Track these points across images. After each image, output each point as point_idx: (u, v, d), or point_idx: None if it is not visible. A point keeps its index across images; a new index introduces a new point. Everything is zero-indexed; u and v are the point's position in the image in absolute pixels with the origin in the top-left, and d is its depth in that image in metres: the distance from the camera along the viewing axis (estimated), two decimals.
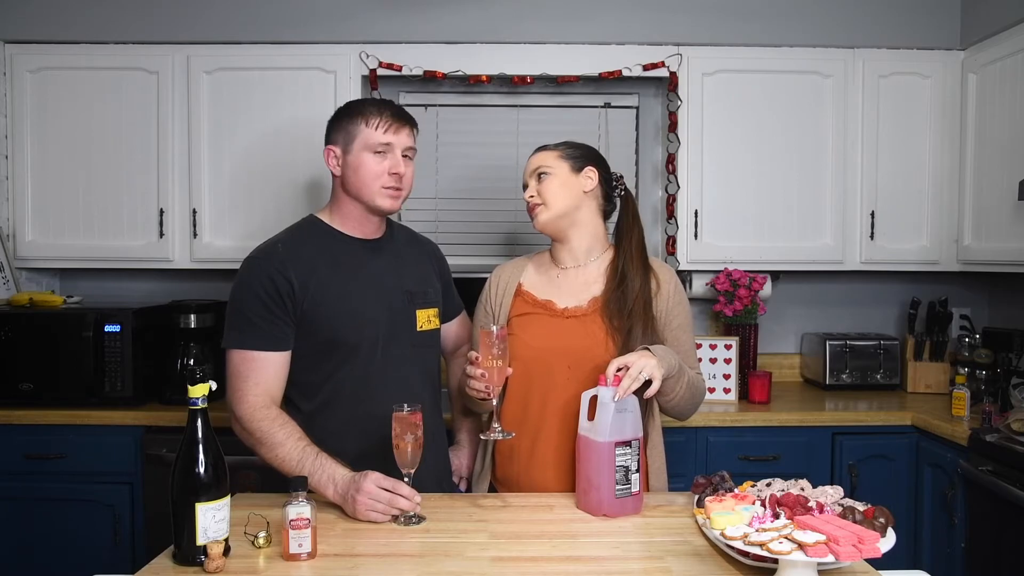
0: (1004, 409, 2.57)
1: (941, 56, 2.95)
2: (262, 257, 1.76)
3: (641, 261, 1.84)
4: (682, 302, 1.85)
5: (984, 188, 2.81)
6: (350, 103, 1.85)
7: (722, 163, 2.94)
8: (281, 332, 1.72)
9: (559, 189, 1.83)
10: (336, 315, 1.75)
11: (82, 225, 2.91)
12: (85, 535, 2.60)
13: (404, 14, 2.91)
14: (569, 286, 1.85)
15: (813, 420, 2.67)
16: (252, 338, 1.71)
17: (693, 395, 1.80)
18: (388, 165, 1.76)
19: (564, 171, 1.84)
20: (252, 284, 1.72)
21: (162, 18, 2.90)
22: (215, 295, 3.05)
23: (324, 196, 2.85)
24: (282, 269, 1.72)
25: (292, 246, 1.78)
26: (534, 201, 1.85)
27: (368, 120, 1.76)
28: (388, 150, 1.76)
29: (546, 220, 1.84)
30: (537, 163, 1.87)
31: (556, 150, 1.88)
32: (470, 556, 1.41)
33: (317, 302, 1.73)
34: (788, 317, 3.29)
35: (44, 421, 2.60)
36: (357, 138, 1.76)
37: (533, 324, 1.82)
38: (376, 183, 1.76)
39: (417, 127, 1.85)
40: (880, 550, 1.22)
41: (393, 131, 1.76)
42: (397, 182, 1.78)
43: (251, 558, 1.39)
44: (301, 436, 1.67)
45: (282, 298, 1.71)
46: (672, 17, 2.94)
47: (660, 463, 1.84)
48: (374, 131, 1.75)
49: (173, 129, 2.89)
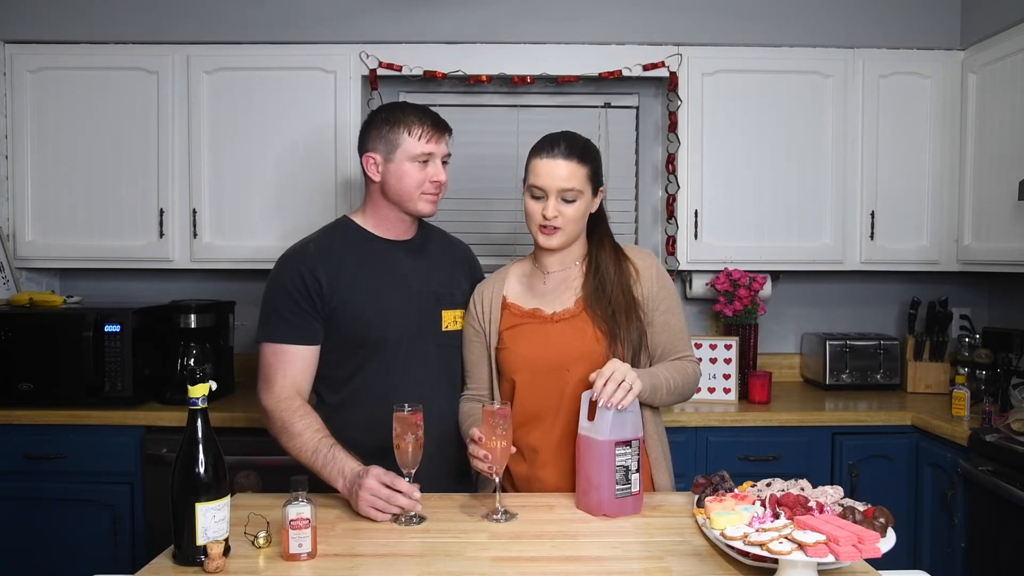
0: (1004, 409, 2.57)
1: (941, 56, 2.95)
2: (294, 256, 1.84)
3: (612, 249, 1.82)
4: (666, 285, 1.82)
5: (984, 188, 2.81)
6: (389, 110, 1.88)
7: (722, 163, 2.94)
8: (310, 327, 1.79)
9: (583, 216, 1.77)
10: (362, 313, 1.81)
11: (82, 225, 2.91)
12: (85, 535, 2.60)
13: (404, 14, 2.91)
14: (554, 290, 1.83)
15: (813, 420, 2.67)
16: (282, 332, 1.78)
17: (681, 394, 1.80)
18: (430, 173, 1.84)
19: (588, 196, 1.77)
20: (283, 281, 1.80)
21: (162, 18, 2.90)
22: (215, 295, 3.05)
23: (324, 196, 2.89)
24: (312, 268, 1.79)
25: (323, 246, 1.86)
26: (557, 223, 1.74)
27: (411, 130, 1.82)
28: (430, 159, 1.83)
29: (560, 245, 1.78)
30: (567, 181, 1.72)
31: (584, 165, 1.75)
32: (470, 556, 1.41)
33: (344, 300, 1.80)
34: (788, 317, 3.29)
35: (44, 421, 2.60)
36: (399, 148, 1.82)
37: (525, 335, 1.80)
38: (418, 191, 1.84)
39: (450, 132, 1.91)
40: (880, 550, 1.22)
41: (435, 141, 1.83)
42: (437, 189, 1.86)
43: (251, 558, 1.39)
44: (320, 428, 1.73)
45: (311, 295, 1.78)
46: (672, 17, 2.94)
47: (658, 453, 1.81)
48: (416, 141, 1.81)
49: (173, 129, 2.89)
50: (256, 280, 3.15)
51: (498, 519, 1.58)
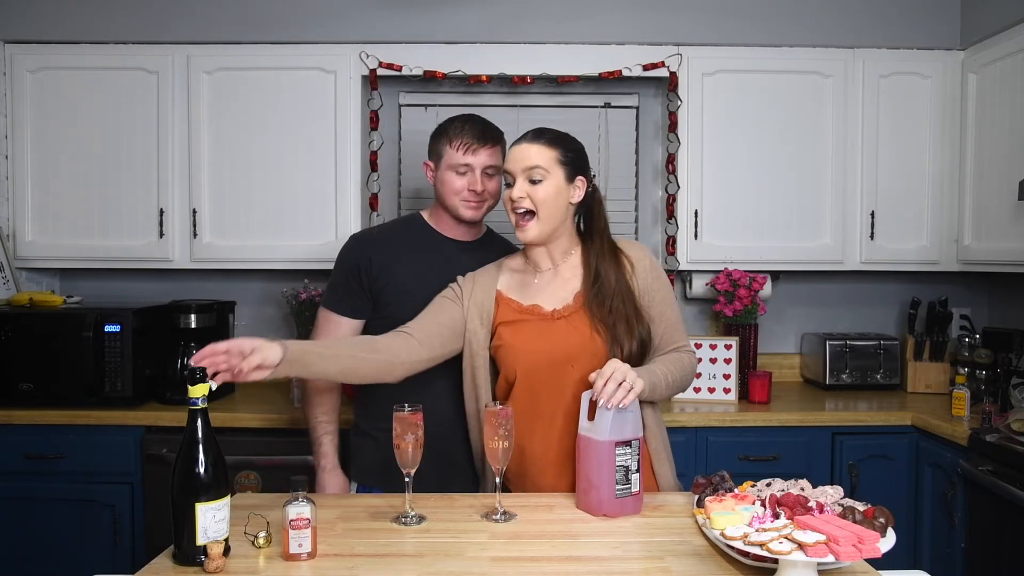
0: (1004, 409, 2.57)
1: (941, 56, 2.95)
2: (358, 236, 2.10)
3: (610, 252, 1.82)
4: (660, 276, 1.82)
5: (984, 188, 2.81)
6: (445, 121, 2.03)
7: (722, 163, 2.94)
8: (356, 302, 1.99)
9: (553, 199, 1.76)
10: (402, 295, 1.95)
11: (82, 225, 2.91)
12: (85, 535, 2.60)
13: (404, 14, 2.91)
14: (549, 288, 1.83)
15: (813, 420, 2.67)
16: (332, 301, 2.01)
17: (679, 387, 1.79)
18: (467, 182, 1.96)
19: (559, 178, 1.76)
20: (343, 257, 2.03)
21: (162, 18, 2.90)
22: (215, 295, 3.05)
23: (324, 196, 2.89)
24: (367, 248, 2.00)
25: (385, 231, 2.10)
26: (524, 204, 1.75)
27: (451, 141, 1.96)
28: (468, 170, 1.96)
29: (536, 236, 1.77)
30: (531, 159, 1.75)
31: (553, 148, 1.76)
32: (470, 556, 1.41)
33: (389, 282, 1.97)
34: (788, 317, 3.29)
35: (44, 421, 2.60)
36: (443, 157, 1.98)
37: (526, 330, 1.79)
38: (456, 198, 1.98)
39: (501, 143, 2.01)
40: (880, 550, 1.23)
41: (472, 153, 1.95)
42: (474, 197, 1.97)
43: (251, 558, 1.39)
44: (328, 410, 2.01)
45: (359, 273, 1.97)
46: (672, 17, 2.94)
47: (658, 444, 1.81)
48: (455, 152, 1.95)
49: (173, 129, 2.89)
50: (256, 280, 3.17)
51: (498, 519, 1.58)
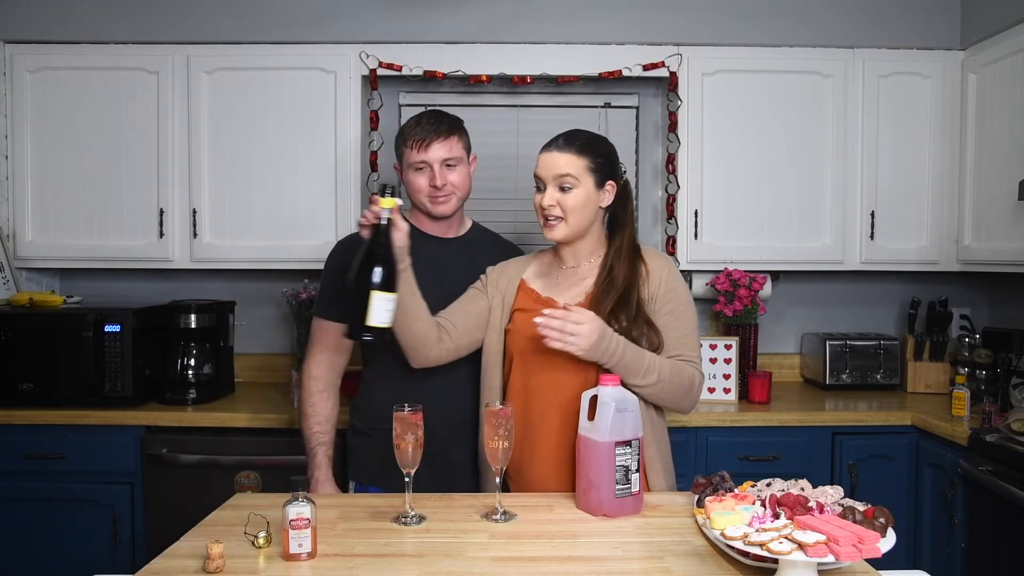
0: (1004, 409, 2.57)
1: (941, 56, 2.95)
2: (343, 241, 2.09)
3: (630, 254, 1.82)
4: (674, 289, 1.81)
5: (984, 188, 2.81)
6: (406, 123, 2.03)
7: (722, 163, 2.94)
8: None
9: (582, 207, 1.77)
10: None
11: (82, 225, 2.91)
12: (85, 535, 2.60)
13: (404, 14, 2.91)
14: (568, 283, 1.86)
15: (813, 420, 2.67)
16: (323, 308, 2.03)
17: (672, 389, 1.76)
18: (428, 178, 1.96)
19: (589, 186, 1.77)
20: (329, 263, 2.04)
21: (162, 18, 2.90)
22: (215, 295, 3.05)
23: (324, 196, 2.89)
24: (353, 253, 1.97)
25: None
26: (554, 212, 1.77)
27: (407, 141, 1.97)
28: (425, 166, 1.96)
29: (563, 236, 1.80)
30: (562, 168, 1.76)
31: (583, 157, 1.77)
32: (470, 556, 1.41)
33: None
34: (788, 317, 3.29)
35: (44, 421, 2.60)
36: (403, 157, 2.00)
37: (533, 318, 1.80)
38: (421, 195, 1.98)
39: (456, 132, 1.99)
40: (880, 550, 1.23)
41: (425, 149, 1.94)
42: (437, 192, 1.96)
43: (251, 558, 1.39)
44: (323, 420, 1.99)
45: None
46: (672, 17, 2.94)
47: (653, 452, 1.79)
48: (411, 151, 1.96)
49: (173, 129, 2.89)
50: (256, 280, 3.17)
51: (498, 519, 1.58)
